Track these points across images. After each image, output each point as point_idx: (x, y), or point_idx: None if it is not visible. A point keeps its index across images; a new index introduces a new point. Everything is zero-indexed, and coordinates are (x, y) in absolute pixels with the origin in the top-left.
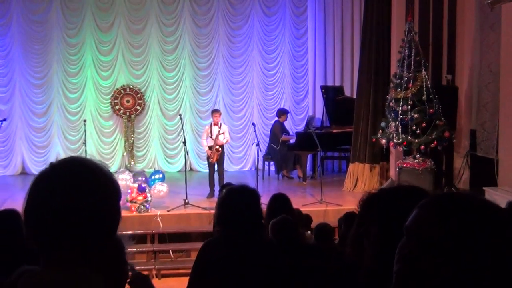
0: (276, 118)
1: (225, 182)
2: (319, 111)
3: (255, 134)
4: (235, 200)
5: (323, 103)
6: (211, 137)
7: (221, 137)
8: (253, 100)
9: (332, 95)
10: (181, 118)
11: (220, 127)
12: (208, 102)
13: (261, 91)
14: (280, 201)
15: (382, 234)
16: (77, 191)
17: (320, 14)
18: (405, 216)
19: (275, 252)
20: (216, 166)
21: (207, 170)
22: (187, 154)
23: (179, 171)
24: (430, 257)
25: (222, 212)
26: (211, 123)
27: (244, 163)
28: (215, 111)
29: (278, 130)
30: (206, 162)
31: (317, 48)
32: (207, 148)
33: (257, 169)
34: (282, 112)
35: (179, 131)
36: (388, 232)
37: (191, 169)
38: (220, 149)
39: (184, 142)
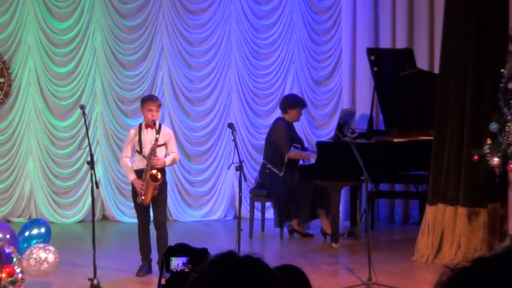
0: (280, 115)
1: (171, 244)
2: (364, 101)
3: (235, 146)
4: None
5: (373, 83)
6: (139, 152)
7: (160, 152)
8: (229, 78)
9: (390, 68)
10: (84, 114)
11: (158, 132)
12: (140, 80)
13: (246, 60)
14: (289, 282)
15: None
16: None
17: None
18: None
19: None
20: (151, 210)
21: (135, 220)
22: (97, 187)
23: (80, 222)
24: None
25: None
26: (140, 125)
27: (211, 205)
28: (149, 100)
29: (283, 137)
30: (133, 204)
31: None
32: (133, 176)
33: (238, 217)
34: (293, 103)
35: (80, 140)
36: None
37: (104, 218)
38: (159, 176)
39: (90, 162)
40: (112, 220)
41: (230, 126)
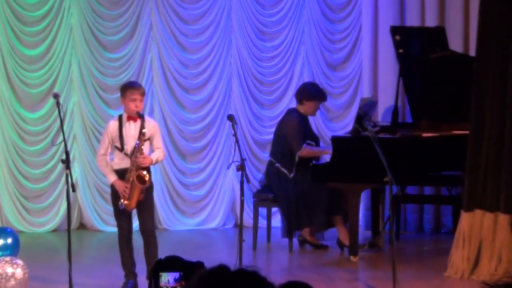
0: (293, 106)
1: (161, 257)
2: (388, 89)
3: (236, 141)
4: None
5: (398, 68)
6: (120, 149)
7: (145, 149)
8: (229, 62)
9: (418, 50)
10: (58, 104)
11: (143, 126)
12: (125, 64)
13: (248, 41)
14: None
15: None
16: None
17: None
18: None
19: None
20: (137, 216)
21: (115, 229)
22: (73, 190)
23: (53, 231)
24: None
25: None
26: (120, 117)
27: (207, 212)
28: (131, 87)
29: (294, 132)
30: (113, 210)
31: None
32: (113, 177)
33: (240, 226)
34: (312, 95)
35: (53, 134)
36: None
37: (81, 226)
38: (147, 176)
39: (66, 161)
40: (91, 229)
41: (230, 118)
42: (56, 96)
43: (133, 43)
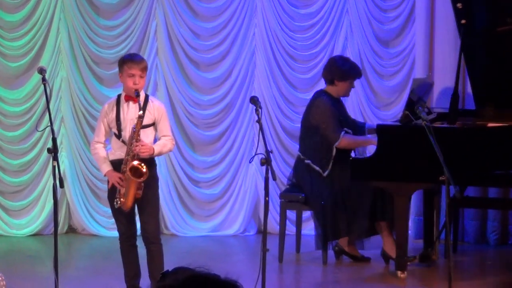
0: (322, 88)
1: (167, 269)
2: (446, 68)
3: (260, 129)
4: None
5: (459, 43)
6: (118, 135)
7: (147, 136)
8: (253, 32)
9: (484, 21)
10: (44, 80)
11: (143, 107)
12: (124, 33)
13: (278, 6)
14: None
15: None
16: None
17: None
18: None
19: None
20: (138, 217)
21: (112, 233)
22: (61, 186)
23: (36, 235)
24: None
25: None
26: (118, 97)
27: (224, 215)
28: (129, 61)
29: (328, 120)
30: (110, 209)
31: None
32: (107, 167)
33: (263, 232)
34: (346, 73)
35: (37, 117)
36: None
37: (70, 229)
38: (144, 168)
39: (52, 150)
40: (82, 233)
41: (254, 101)
42: (41, 71)
43: (134, 8)
